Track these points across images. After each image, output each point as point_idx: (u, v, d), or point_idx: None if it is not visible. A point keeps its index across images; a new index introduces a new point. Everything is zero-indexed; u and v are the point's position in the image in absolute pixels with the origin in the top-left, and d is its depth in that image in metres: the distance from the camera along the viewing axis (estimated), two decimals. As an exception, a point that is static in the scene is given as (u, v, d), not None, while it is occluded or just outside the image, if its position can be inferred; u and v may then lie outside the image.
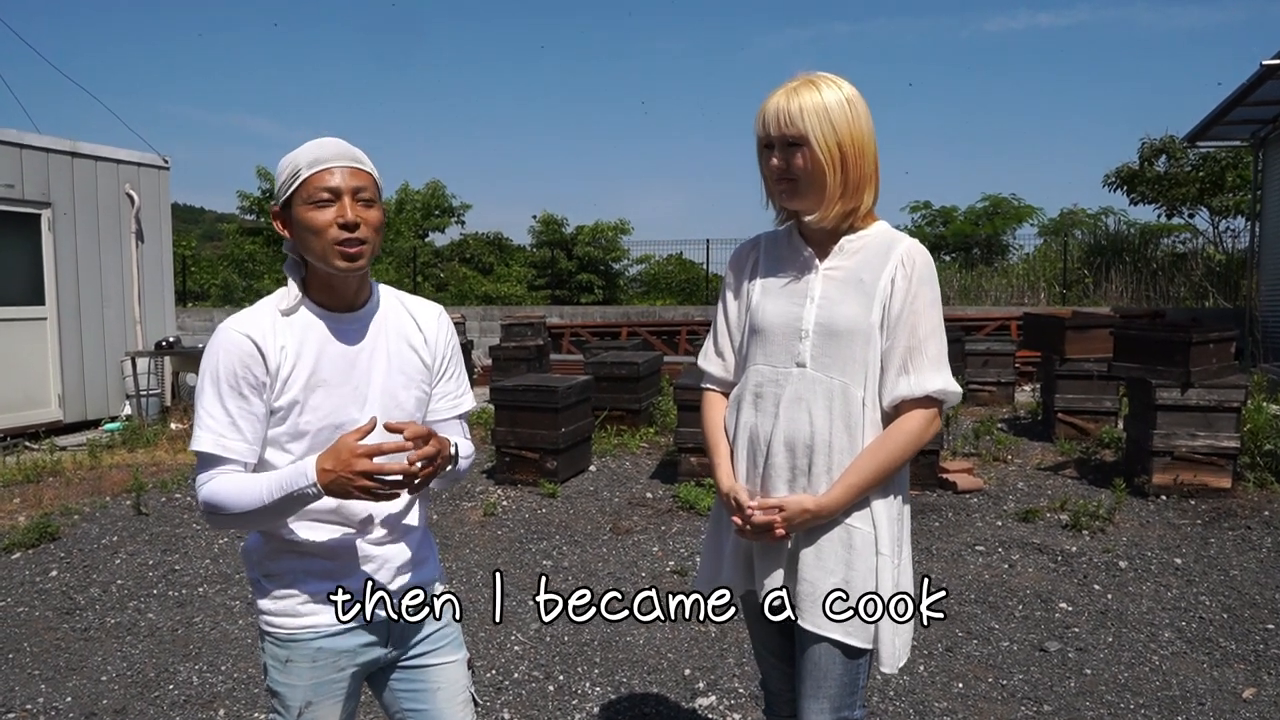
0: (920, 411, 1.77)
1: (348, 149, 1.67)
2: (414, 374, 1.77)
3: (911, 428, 1.77)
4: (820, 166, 1.73)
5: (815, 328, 1.79)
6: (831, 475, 1.77)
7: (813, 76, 1.77)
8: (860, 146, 1.75)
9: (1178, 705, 3.17)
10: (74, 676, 3.56)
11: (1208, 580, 4.31)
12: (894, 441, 1.76)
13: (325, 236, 1.62)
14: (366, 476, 1.52)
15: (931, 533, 5.06)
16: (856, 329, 1.77)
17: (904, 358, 1.76)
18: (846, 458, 1.77)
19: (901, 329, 1.77)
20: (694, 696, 3.28)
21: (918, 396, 1.76)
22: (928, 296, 1.78)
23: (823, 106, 1.72)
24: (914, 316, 1.76)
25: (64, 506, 5.90)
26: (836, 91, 1.74)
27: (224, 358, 1.63)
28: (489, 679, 3.43)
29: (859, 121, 1.75)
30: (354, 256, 1.63)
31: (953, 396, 1.78)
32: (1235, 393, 5.51)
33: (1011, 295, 17.84)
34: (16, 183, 8.53)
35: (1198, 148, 16.13)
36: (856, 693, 1.82)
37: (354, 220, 1.62)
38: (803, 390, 1.79)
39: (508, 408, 6.23)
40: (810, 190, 1.76)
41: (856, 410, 1.78)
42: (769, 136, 1.77)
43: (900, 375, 1.77)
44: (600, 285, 22.15)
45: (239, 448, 1.63)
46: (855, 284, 1.79)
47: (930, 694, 3.27)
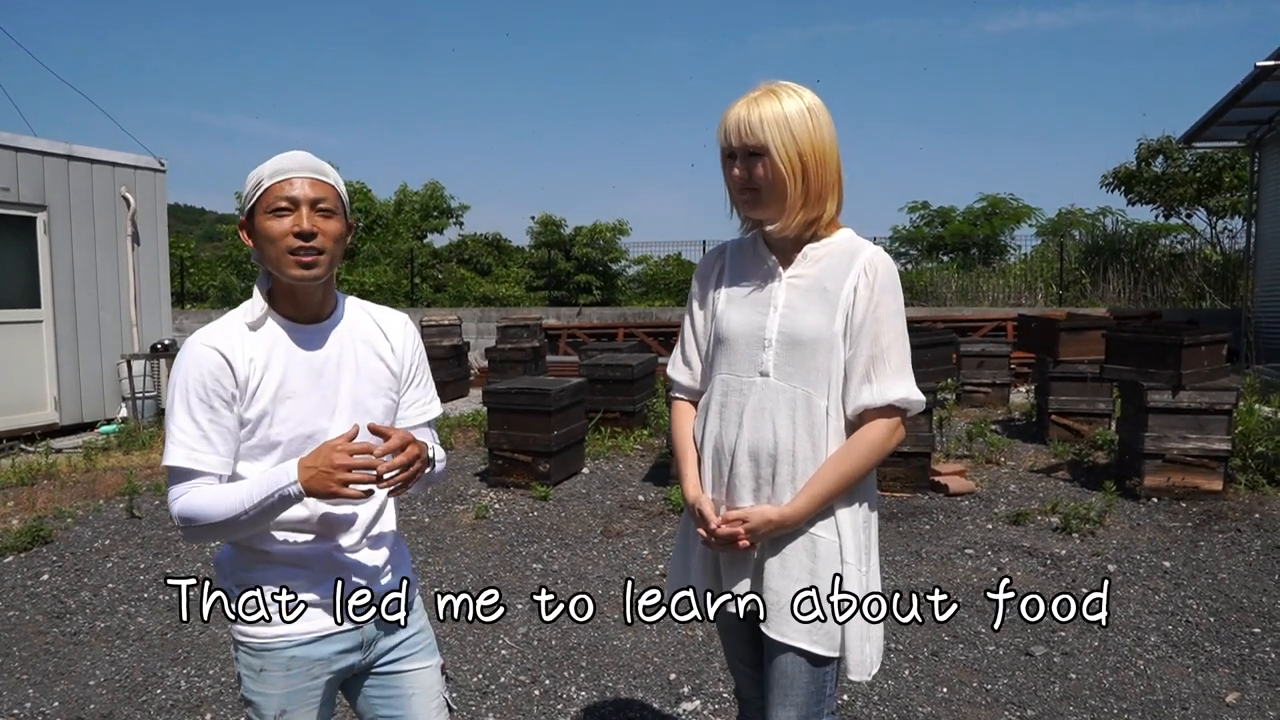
0: (883, 421, 1.78)
1: (311, 160, 1.69)
2: (382, 382, 1.79)
3: (874, 437, 1.77)
4: (781, 176, 1.74)
5: (778, 336, 1.80)
6: (795, 485, 1.77)
7: (774, 86, 1.77)
8: (822, 155, 1.75)
9: (1161, 710, 3.18)
10: (62, 681, 3.57)
11: (1196, 584, 4.32)
12: (857, 451, 1.77)
13: (280, 245, 1.64)
14: (346, 469, 1.52)
15: (921, 536, 5.07)
16: (820, 338, 1.77)
17: (866, 367, 1.77)
18: (810, 467, 1.77)
19: (864, 338, 1.77)
20: (679, 701, 3.29)
21: (880, 405, 1.76)
22: (890, 306, 1.78)
23: (783, 116, 1.72)
24: (876, 325, 1.77)
25: (57, 510, 5.91)
26: (797, 101, 1.75)
27: (193, 371, 1.64)
28: (475, 684, 3.44)
29: (820, 131, 1.75)
30: (309, 265, 1.65)
31: (915, 405, 1.79)
32: (1227, 395, 5.51)
33: (1009, 296, 17.83)
34: (12, 185, 8.54)
35: (1194, 148, 16.14)
36: (824, 700, 1.82)
37: (310, 230, 1.64)
38: (766, 400, 1.80)
39: (501, 410, 6.23)
40: (772, 199, 1.77)
41: (820, 419, 1.78)
42: (731, 147, 1.78)
43: (863, 384, 1.77)
44: (599, 286, 22.15)
45: (211, 460, 1.64)
46: (819, 292, 1.80)
47: (915, 699, 3.28)
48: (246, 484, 1.60)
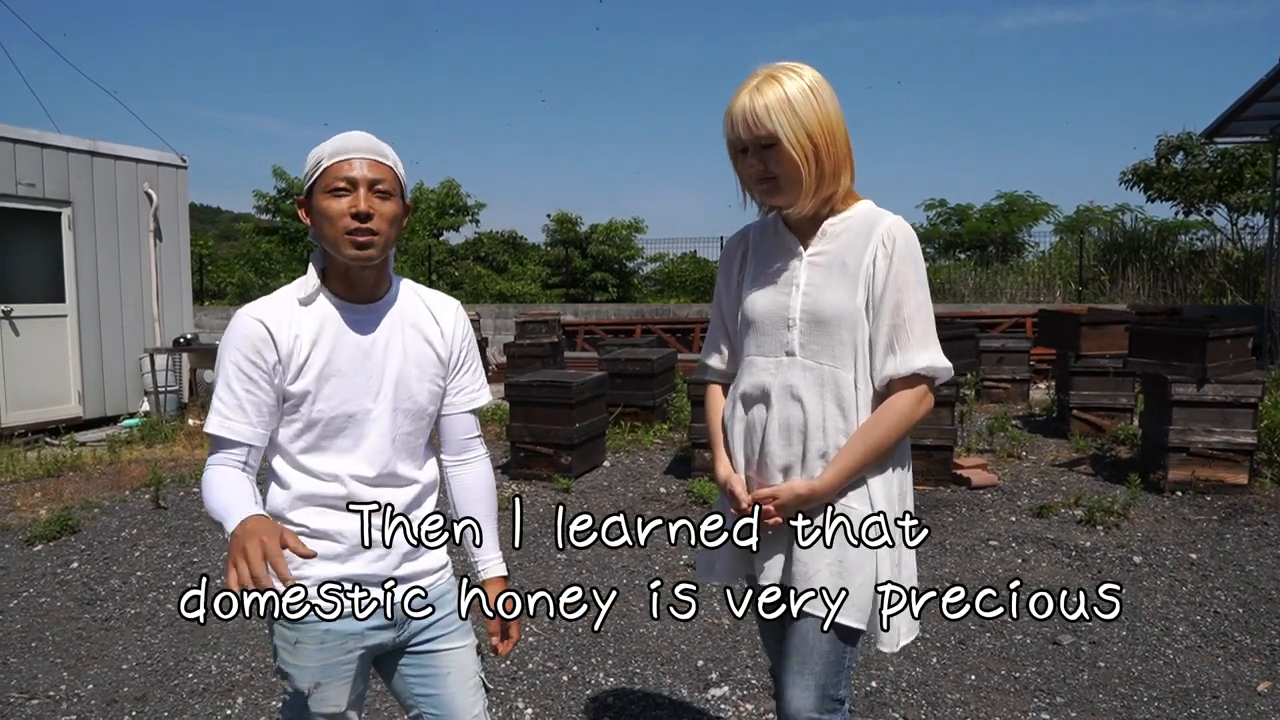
0: (909, 390, 1.78)
1: (371, 142, 1.70)
2: (428, 366, 1.80)
3: (901, 406, 1.78)
4: (795, 162, 1.74)
5: (802, 315, 1.81)
6: (827, 459, 1.79)
7: (773, 70, 1.76)
8: (830, 132, 1.75)
9: (1191, 698, 3.17)
10: (95, 665, 3.61)
11: (1223, 575, 4.30)
12: (885, 420, 1.77)
13: (338, 225, 1.65)
14: (242, 561, 1.37)
15: (945, 528, 5.06)
16: (843, 314, 1.78)
17: (890, 337, 1.78)
18: (842, 439, 1.78)
19: (885, 309, 1.78)
20: (707, 687, 3.30)
21: (904, 375, 1.77)
22: (910, 275, 1.78)
23: (787, 100, 1.72)
24: (897, 295, 1.77)
25: (84, 500, 5.97)
26: (798, 80, 1.74)
27: (237, 341, 1.67)
28: (504, 669, 3.45)
29: (825, 107, 1.75)
30: (364, 245, 1.66)
31: (942, 372, 1.78)
32: (1252, 388, 5.48)
33: (1027, 293, 17.75)
34: (37, 182, 8.63)
35: (1215, 144, 16.01)
36: (842, 672, 1.81)
37: (366, 210, 1.65)
38: (793, 378, 1.81)
39: (523, 403, 6.26)
40: (791, 185, 1.77)
41: (849, 394, 1.79)
42: (740, 140, 1.78)
43: (887, 355, 1.78)
44: (614, 284, 22.18)
45: (243, 430, 1.67)
46: (839, 268, 1.80)
47: (943, 686, 3.28)
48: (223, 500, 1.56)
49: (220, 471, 1.66)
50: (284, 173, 23.97)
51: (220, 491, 1.61)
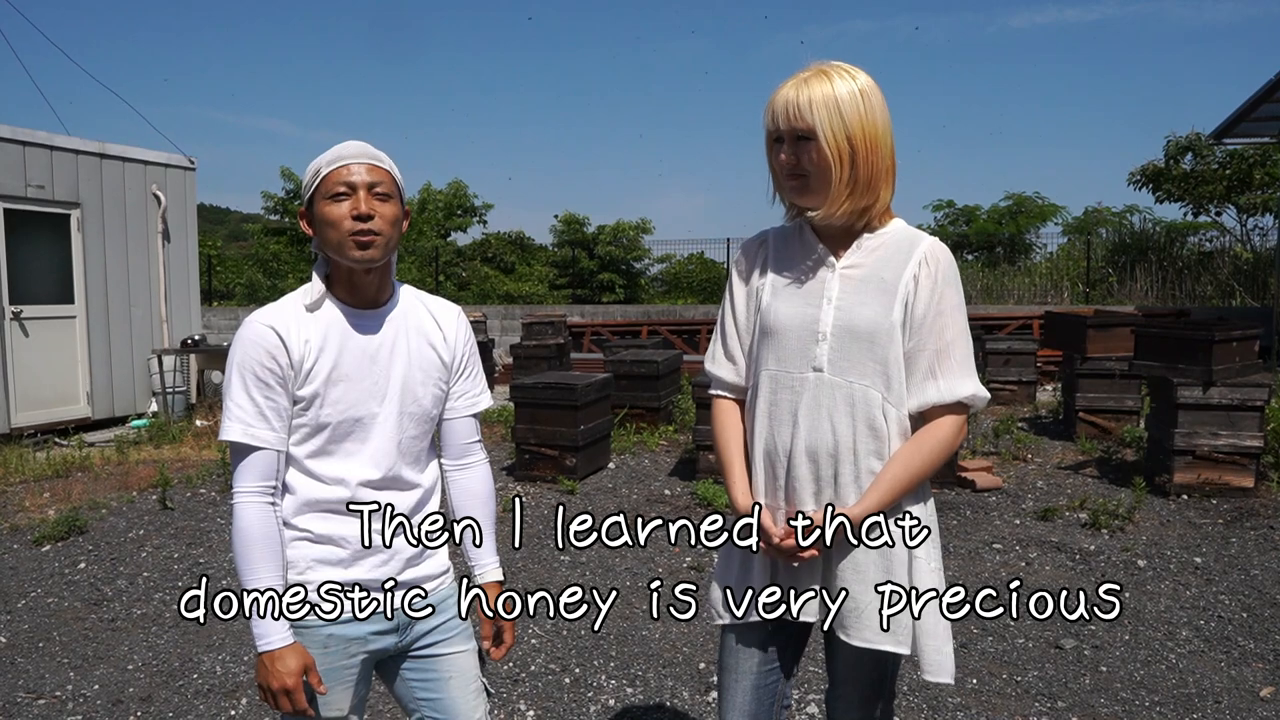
0: (951, 418, 1.72)
1: (366, 148, 1.74)
2: (432, 370, 1.82)
3: (944, 435, 1.72)
4: (827, 161, 1.66)
5: (834, 330, 1.72)
6: (860, 483, 1.71)
7: (825, 66, 1.69)
8: (873, 140, 1.67)
9: (1193, 703, 3.16)
10: (101, 665, 3.64)
11: (1228, 579, 4.29)
12: (927, 448, 1.71)
13: (341, 228, 1.68)
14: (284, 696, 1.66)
15: (949, 531, 5.05)
16: (878, 329, 1.70)
17: (931, 362, 1.71)
18: (874, 462, 1.71)
19: (928, 332, 1.71)
20: (708, 690, 3.31)
21: (949, 403, 1.70)
22: (953, 299, 1.72)
23: (833, 98, 1.64)
24: (940, 319, 1.71)
25: (92, 501, 6.01)
26: (849, 82, 1.66)
27: (250, 349, 1.68)
28: (506, 671, 3.47)
29: (873, 114, 1.67)
30: (367, 245, 1.68)
31: (981, 401, 1.73)
32: (1258, 391, 5.46)
33: (1035, 294, 17.70)
34: (47, 184, 8.68)
35: (1224, 145, 15.95)
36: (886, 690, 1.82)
37: (367, 211, 1.68)
38: (821, 396, 1.72)
39: (528, 405, 6.27)
40: (821, 186, 1.69)
41: (878, 414, 1.71)
42: (778, 130, 1.70)
43: (928, 379, 1.71)
44: (621, 285, 22.19)
45: (268, 436, 1.68)
46: (875, 282, 1.72)
47: (944, 690, 3.28)
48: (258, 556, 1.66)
49: (252, 513, 1.67)
50: (292, 174, 24.06)
51: (251, 549, 1.66)
